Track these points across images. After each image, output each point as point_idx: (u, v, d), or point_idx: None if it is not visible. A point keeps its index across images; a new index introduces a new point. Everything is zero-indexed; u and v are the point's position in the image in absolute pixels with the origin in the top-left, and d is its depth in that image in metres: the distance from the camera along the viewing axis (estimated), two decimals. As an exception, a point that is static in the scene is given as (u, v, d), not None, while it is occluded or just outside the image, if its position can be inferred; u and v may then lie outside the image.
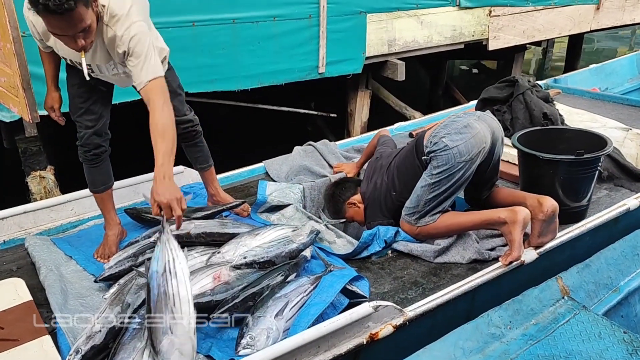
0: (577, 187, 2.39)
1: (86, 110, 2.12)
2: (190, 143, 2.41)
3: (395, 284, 2.04)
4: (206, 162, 2.51)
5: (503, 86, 3.34)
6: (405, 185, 2.28)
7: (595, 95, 4.27)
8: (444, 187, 2.12)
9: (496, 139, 2.22)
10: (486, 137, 2.15)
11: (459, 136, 2.11)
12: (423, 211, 2.17)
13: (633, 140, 3.12)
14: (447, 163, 2.10)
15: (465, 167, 2.10)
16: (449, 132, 2.14)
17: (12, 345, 1.66)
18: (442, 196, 2.14)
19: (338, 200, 2.49)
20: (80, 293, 1.98)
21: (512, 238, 2.06)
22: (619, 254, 2.16)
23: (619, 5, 7.16)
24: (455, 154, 2.09)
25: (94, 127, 2.14)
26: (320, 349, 1.61)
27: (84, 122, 2.13)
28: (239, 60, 4.11)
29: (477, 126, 2.15)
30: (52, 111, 2.23)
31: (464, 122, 2.17)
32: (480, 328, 1.71)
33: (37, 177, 3.56)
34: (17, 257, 2.26)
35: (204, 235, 2.19)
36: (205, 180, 2.55)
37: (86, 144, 2.15)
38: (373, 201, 2.37)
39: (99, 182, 2.26)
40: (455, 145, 2.09)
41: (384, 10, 4.82)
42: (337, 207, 2.51)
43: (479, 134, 2.13)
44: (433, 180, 2.13)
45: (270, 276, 1.88)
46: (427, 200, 2.15)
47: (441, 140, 2.12)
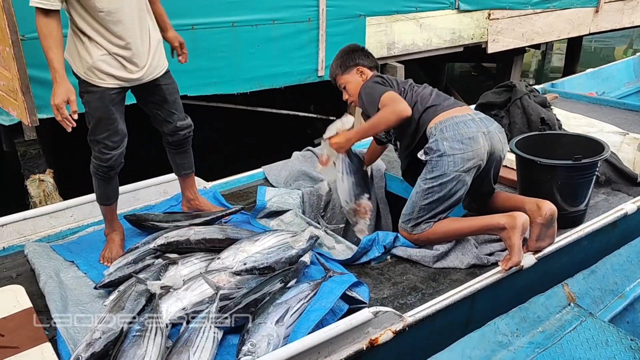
0: (575, 191, 2.40)
1: (114, 132, 2.07)
2: (183, 149, 2.41)
3: (395, 289, 2.05)
4: (190, 169, 2.51)
5: (500, 91, 3.35)
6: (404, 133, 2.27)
7: (592, 100, 4.29)
8: (438, 195, 2.13)
9: (494, 158, 2.21)
10: (484, 156, 2.14)
11: (460, 146, 2.10)
12: (419, 219, 2.18)
13: (630, 144, 3.13)
14: (439, 169, 2.11)
15: (459, 178, 2.10)
16: (452, 137, 2.11)
17: (12, 353, 1.65)
18: (436, 204, 2.14)
19: (353, 58, 2.37)
20: (80, 300, 1.98)
21: (511, 243, 2.06)
22: (624, 259, 2.17)
23: (617, 8, 7.19)
24: (450, 162, 2.09)
25: (119, 148, 2.10)
26: (320, 355, 1.61)
27: (110, 143, 2.07)
28: (238, 64, 4.12)
29: (481, 142, 2.12)
30: (62, 107, 1.84)
31: (470, 133, 2.12)
32: (487, 336, 1.71)
33: (36, 180, 3.56)
34: (17, 264, 2.26)
35: (204, 242, 2.19)
36: (186, 185, 2.54)
37: (111, 165, 2.11)
38: (375, 89, 2.25)
39: (112, 195, 2.25)
40: (453, 153, 2.09)
41: (383, 13, 4.84)
42: (346, 62, 2.37)
43: (479, 150, 2.12)
44: (427, 185, 2.14)
45: (271, 282, 1.89)
46: (422, 206, 2.16)
47: (442, 143, 2.11)
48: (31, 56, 2.97)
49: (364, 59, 2.41)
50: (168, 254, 2.17)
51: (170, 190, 2.76)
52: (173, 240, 2.18)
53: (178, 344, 1.65)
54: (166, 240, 2.17)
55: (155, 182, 2.76)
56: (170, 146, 2.38)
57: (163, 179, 2.77)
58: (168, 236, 2.19)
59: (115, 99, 2.07)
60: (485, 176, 2.27)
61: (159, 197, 2.76)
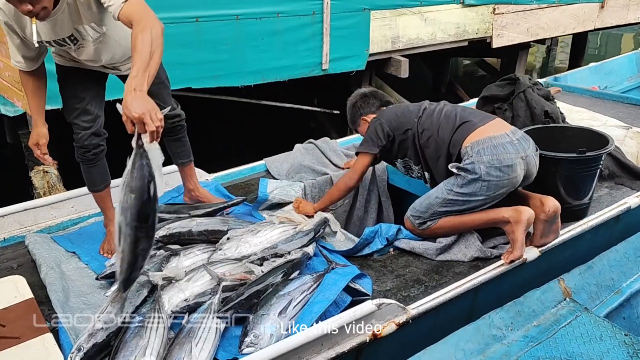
0: (578, 185, 2.39)
1: (82, 111, 2.09)
2: (175, 137, 2.41)
3: (398, 281, 2.04)
4: (187, 157, 2.50)
5: (504, 84, 3.33)
6: (418, 153, 2.27)
7: (595, 94, 4.27)
8: (457, 207, 2.12)
9: (526, 181, 2.18)
10: (519, 182, 2.12)
11: (497, 172, 2.05)
12: (429, 220, 2.18)
13: (633, 138, 3.12)
14: (471, 188, 2.08)
15: (485, 200, 2.09)
16: (490, 161, 2.05)
17: (14, 343, 1.65)
18: (451, 212, 2.14)
19: (356, 111, 2.52)
20: (81, 291, 1.97)
21: (514, 237, 2.05)
22: (621, 255, 2.16)
23: (623, 4, 7.15)
24: (483, 186, 2.06)
25: (91, 128, 2.11)
26: (323, 347, 1.60)
27: (81, 123, 2.09)
28: (242, 56, 4.11)
29: (518, 170, 2.08)
30: (36, 148, 2.09)
31: (510, 161, 2.05)
32: (481, 329, 1.71)
33: (40, 171, 3.55)
34: (18, 255, 2.25)
35: (206, 233, 2.19)
36: (185, 175, 2.55)
37: (85, 145, 2.11)
38: (377, 127, 2.33)
39: (99, 181, 2.23)
40: (488, 179, 2.05)
41: (387, 7, 4.82)
42: (353, 118, 2.55)
43: (516, 178, 2.09)
44: (450, 197, 2.12)
45: (274, 274, 1.88)
46: (436, 212, 2.15)
47: (478, 167, 2.05)
48: (37, 46, 2.96)
49: (364, 107, 2.50)
50: (170, 245, 2.16)
51: (171, 182, 2.74)
52: (175, 231, 2.17)
53: (180, 335, 1.64)
54: (168, 232, 2.16)
55: (156, 174, 2.74)
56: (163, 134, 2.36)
57: (164, 170, 2.74)
58: (170, 227, 2.18)
59: (82, 78, 2.05)
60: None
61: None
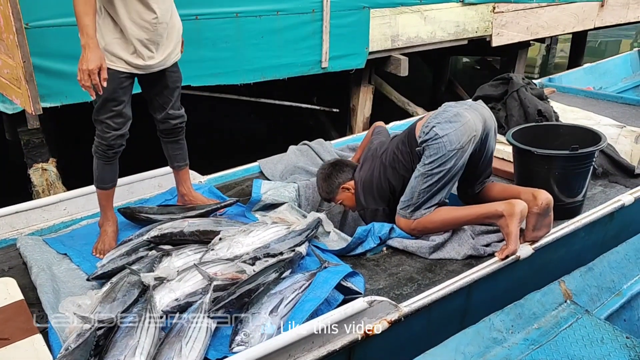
0: (572, 182, 2.39)
1: (118, 114, 2.09)
2: (174, 139, 2.41)
3: (391, 280, 2.03)
4: (184, 161, 2.50)
5: (497, 84, 3.34)
6: (397, 173, 2.29)
7: (589, 94, 4.28)
8: (437, 177, 2.12)
9: (488, 127, 2.22)
10: (477, 125, 2.15)
11: (449, 125, 2.12)
12: (418, 203, 2.17)
13: (627, 137, 3.13)
14: (438, 152, 2.11)
15: (456, 155, 2.10)
16: (439, 122, 2.15)
17: (3, 344, 1.64)
18: (435, 187, 2.14)
19: (333, 182, 2.47)
20: (72, 292, 1.95)
21: (508, 231, 2.04)
22: (622, 257, 2.16)
23: (623, 3, 7.14)
24: (446, 143, 2.10)
25: (121, 130, 2.12)
26: (314, 344, 1.59)
27: (113, 124, 2.10)
28: (242, 54, 4.10)
29: (467, 115, 2.15)
30: (94, 73, 1.81)
31: (454, 111, 2.17)
32: (481, 332, 1.70)
33: (39, 169, 3.53)
34: (9, 258, 2.24)
35: (198, 233, 2.18)
36: (179, 178, 2.54)
37: (111, 144, 2.12)
38: (366, 187, 2.36)
39: (109, 179, 2.24)
40: (446, 133, 2.10)
41: (387, 5, 4.82)
42: (330, 188, 2.48)
43: (469, 122, 2.13)
44: (425, 169, 2.14)
45: (265, 273, 1.87)
46: (421, 191, 2.15)
47: (432, 130, 2.13)
48: (35, 45, 2.96)
49: (340, 175, 2.46)
50: (162, 246, 2.15)
51: (165, 184, 2.74)
52: (167, 232, 2.16)
53: (171, 335, 1.63)
54: (160, 232, 2.15)
55: (150, 176, 2.73)
56: (162, 134, 2.38)
57: (158, 172, 2.75)
58: (162, 228, 2.17)
59: (124, 83, 2.08)
60: (484, 151, 2.26)
61: (153, 190, 2.74)
